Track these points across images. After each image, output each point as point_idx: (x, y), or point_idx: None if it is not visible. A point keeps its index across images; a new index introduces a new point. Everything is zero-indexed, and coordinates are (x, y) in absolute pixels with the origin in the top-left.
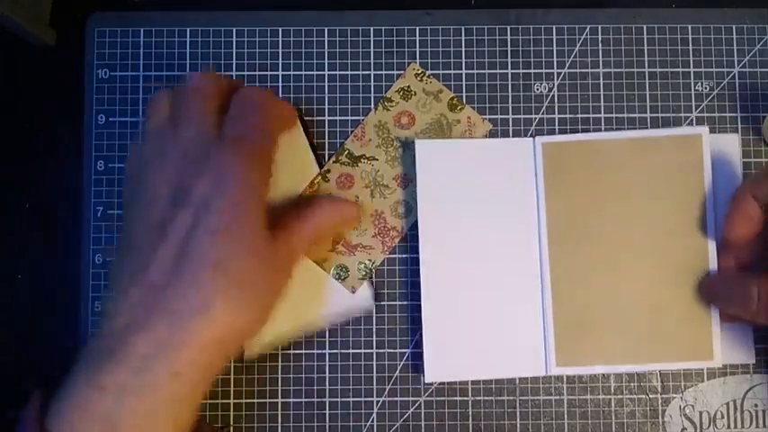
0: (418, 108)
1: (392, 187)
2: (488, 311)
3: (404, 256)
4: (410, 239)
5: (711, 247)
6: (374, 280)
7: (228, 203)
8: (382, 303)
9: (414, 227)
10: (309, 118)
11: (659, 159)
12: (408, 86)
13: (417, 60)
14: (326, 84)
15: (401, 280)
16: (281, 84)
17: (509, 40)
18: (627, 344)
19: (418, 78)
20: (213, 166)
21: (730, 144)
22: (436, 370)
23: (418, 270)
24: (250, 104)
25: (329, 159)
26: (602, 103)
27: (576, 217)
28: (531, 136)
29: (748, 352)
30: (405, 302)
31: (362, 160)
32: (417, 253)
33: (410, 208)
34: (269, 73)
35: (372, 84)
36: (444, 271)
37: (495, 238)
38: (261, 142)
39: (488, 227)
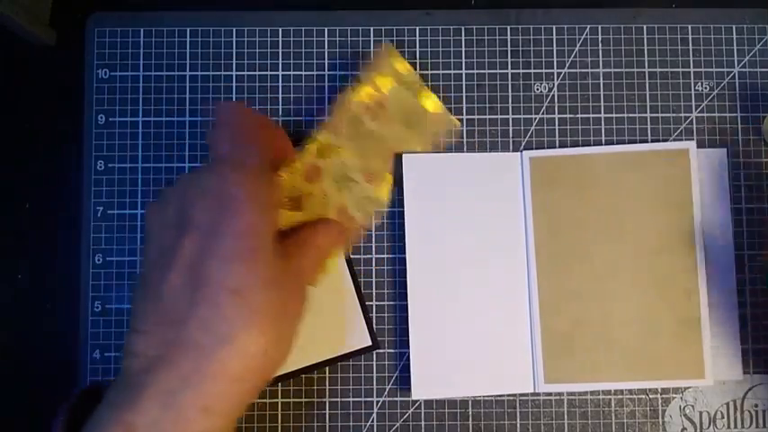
0: (390, 99)
1: (359, 182)
2: (476, 328)
3: (403, 255)
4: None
5: (700, 262)
6: (374, 292)
7: (237, 227)
8: (382, 303)
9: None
10: (309, 118)
11: (646, 174)
12: (382, 73)
13: (417, 60)
14: (326, 84)
15: (400, 280)
16: (280, 84)
17: (509, 40)
18: (616, 361)
19: (394, 62)
20: (212, 188)
21: (718, 158)
22: (423, 387)
23: None
24: (223, 119)
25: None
26: (602, 103)
27: (563, 232)
28: (530, 136)
29: (737, 368)
30: (404, 302)
31: (332, 152)
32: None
33: (378, 204)
34: (269, 73)
35: None
36: (431, 287)
37: (483, 254)
38: (253, 160)
39: (476, 243)
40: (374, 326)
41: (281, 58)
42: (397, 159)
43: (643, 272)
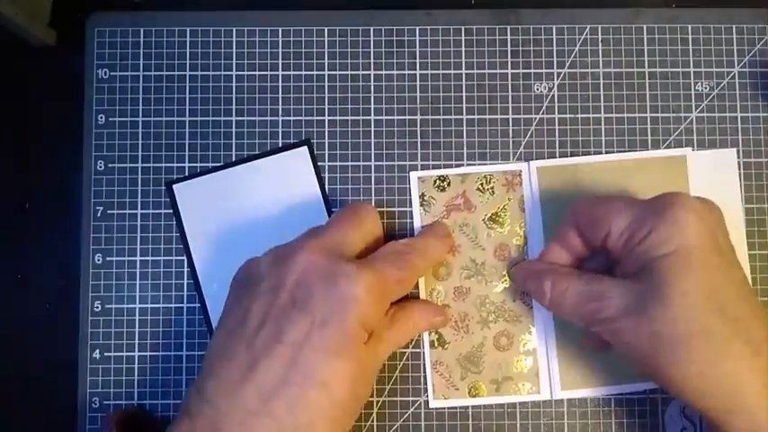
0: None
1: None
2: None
3: None
4: None
5: None
6: None
7: (348, 326)
8: None
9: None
10: (309, 118)
11: (645, 180)
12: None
13: (417, 60)
14: (326, 84)
15: None
16: (281, 84)
17: (509, 40)
18: (622, 363)
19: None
20: (340, 284)
21: (728, 160)
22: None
23: None
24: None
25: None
26: (602, 103)
27: None
28: (530, 137)
29: None
30: None
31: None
32: None
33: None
34: (269, 73)
35: (372, 84)
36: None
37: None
38: (393, 269)
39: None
40: None
41: (281, 58)
42: None
43: None
